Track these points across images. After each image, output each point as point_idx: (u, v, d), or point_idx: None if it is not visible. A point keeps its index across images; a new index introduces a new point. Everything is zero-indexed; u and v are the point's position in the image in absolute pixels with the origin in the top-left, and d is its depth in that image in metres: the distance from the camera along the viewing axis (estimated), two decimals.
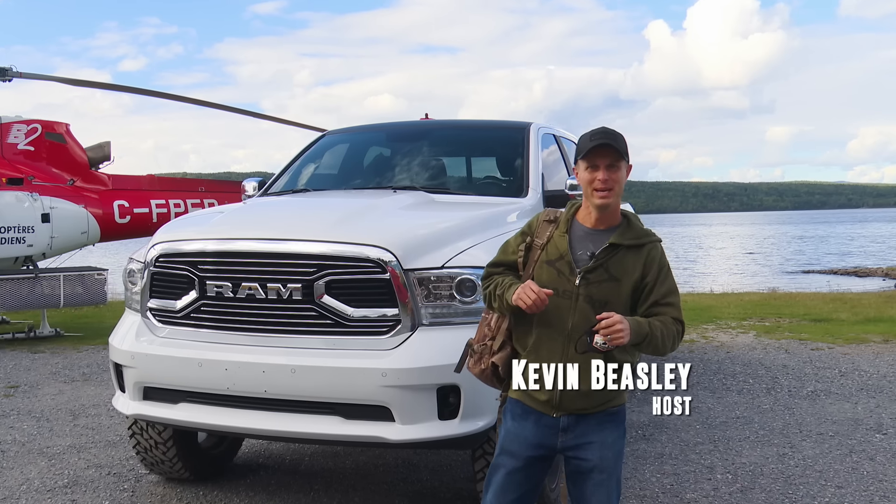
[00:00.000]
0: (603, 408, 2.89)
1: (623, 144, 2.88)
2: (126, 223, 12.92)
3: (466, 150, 6.68)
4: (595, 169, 2.86)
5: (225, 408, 4.11)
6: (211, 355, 4.09)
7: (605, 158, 2.85)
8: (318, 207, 5.05)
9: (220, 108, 14.86)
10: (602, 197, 2.86)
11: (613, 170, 2.86)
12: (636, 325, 2.72)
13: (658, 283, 2.86)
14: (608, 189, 2.85)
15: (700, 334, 10.68)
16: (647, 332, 2.74)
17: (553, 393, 2.84)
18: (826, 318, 12.06)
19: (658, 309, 2.85)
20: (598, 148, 2.85)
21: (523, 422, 2.93)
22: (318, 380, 3.90)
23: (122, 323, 4.66)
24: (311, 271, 3.94)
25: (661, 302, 2.85)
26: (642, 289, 2.86)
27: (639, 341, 2.74)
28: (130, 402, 4.40)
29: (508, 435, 2.98)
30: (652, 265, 2.88)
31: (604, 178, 2.84)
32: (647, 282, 2.86)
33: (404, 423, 3.85)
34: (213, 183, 15.07)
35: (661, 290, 2.87)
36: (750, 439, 5.92)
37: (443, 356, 3.75)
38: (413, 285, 3.90)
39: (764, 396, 7.22)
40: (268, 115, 15.41)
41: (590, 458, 2.88)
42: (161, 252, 4.32)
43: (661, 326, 2.80)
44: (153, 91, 13.95)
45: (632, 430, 6.05)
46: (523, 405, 2.94)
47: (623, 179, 2.89)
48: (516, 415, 2.96)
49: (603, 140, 2.85)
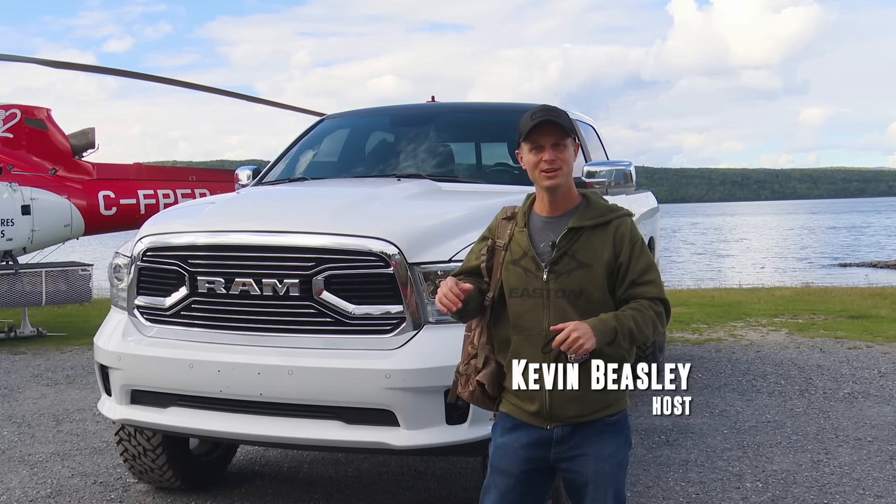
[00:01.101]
0: (600, 415, 2.84)
1: (567, 121, 2.85)
2: (112, 215, 12.95)
3: (476, 136, 6.67)
4: (540, 150, 2.83)
5: (218, 412, 4.13)
6: (203, 356, 4.10)
7: (549, 137, 2.82)
8: (317, 197, 5.06)
9: (212, 91, 14.87)
10: (550, 177, 2.82)
11: (559, 148, 2.82)
12: (599, 325, 2.67)
13: (633, 260, 2.81)
14: (556, 169, 2.81)
15: (728, 332, 10.66)
16: (613, 327, 2.68)
17: (542, 402, 2.82)
18: (864, 314, 12.01)
19: (637, 290, 2.80)
20: (539, 126, 2.82)
21: (513, 435, 2.90)
22: (317, 382, 3.91)
23: (107, 322, 4.68)
24: (309, 266, 3.95)
25: (638, 281, 2.81)
26: (617, 269, 2.81)
27: (609, 339, 2.69)
28: (117, 406, 4.42)
29: (497, 451, 2.95)
30: (622, 242, 2.82)
31: (549, 159, 2.81)
32: (620, 261, 2.81)
33: (410, 428, 3.85)
34: (205, 172, 15.09)
35: (638, 268, 2.81)
36: (782, 445, 5.91)
37: (450, 356, 3.74)
38: (418, 280, 3.90)
39: (797, 399, 7.21)
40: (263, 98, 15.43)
41: (583, 472, 2.85)
42: (149, 246, 4.33)
43: (634, 314, 2.75)
44: (140, 73, 13.98)
45: (654, 436, 6.05)
46: (513, 419, 2.92)
47: (571, 158, 2.85)
48: (506, 429, 2.93)
49: (544, 117, 2.82)
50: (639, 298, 2.80)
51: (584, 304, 2.78)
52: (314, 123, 6.72)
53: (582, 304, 2.78)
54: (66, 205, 12.27)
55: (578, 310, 2.77)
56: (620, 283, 2.82)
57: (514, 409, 2.91)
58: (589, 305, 2.78)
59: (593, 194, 2.94)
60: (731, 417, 6.61)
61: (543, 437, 2.86)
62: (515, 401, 2.90)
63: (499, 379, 2.97)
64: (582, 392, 2.77)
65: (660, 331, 2.83)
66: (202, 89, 14.69)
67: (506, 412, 2.94)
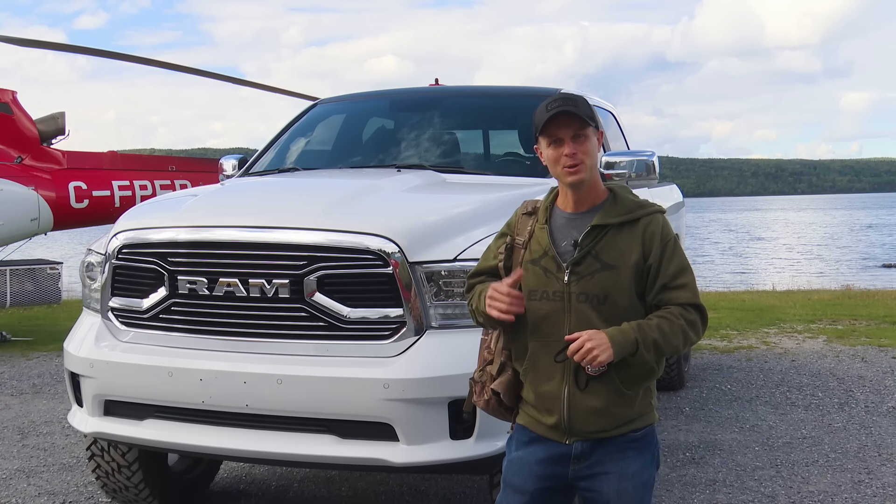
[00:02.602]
0: (623, 430, 2.84)
1: (586, 108, 2.82)
2: (83, 208, 12.96)
3: (484, 122, 6.68)
4: (559, 144, 2.81)
5: (200, 425, 4.14)
6: (183, 363, 4.11)
7: (568, 128, 2.80)
8: (309, 190, 5.07)
9: (194, 72, 14.89)
10: (573, 173, 2.80)
11: (580, 140, 2.80)
12: (618, 335, 2.67)
13: (664, 261, 2.79)
14: (577, 164, 2.79)
15: (760, 339, 10.66)
16: (634, 338, 2.68)
17: (561, 414, 2.82)
18: None
19: (669, 295, 2.79)
20: (556, 117, 2.79)
21: (529, 449, 2.90)
22: (308, 392, 3.92)
23: (78, 325, 4.69)
24: (300, 265, 3.95)
25: (670, 285, 2.79)
26: (647, 272, 2.80)
27: (629, 352, 2.69)
28: (89, 418, 4.43)
29: (511, 466, 2.95)
30: (652, 241, 2.81)
31: (570, 153, 2.79)
32: (650, 263, 2.79)
33: (410, 444, 3.86)
34: (186, 161, 15.10)
35: (670, 271, 2.79)
36: (819, 463, 5.91)
37: (455, 364, 3.76)
38: (420, 281, 3.91)
39: (836, 413, 7.21)
40: (250, 80, 15.44)
41: (604, 492, 2.84)
42: (125, 242, 4.34)
43: (660, 323, 2.74)
44: (115, 53, 13.98)
45: (679, 453, 6.05)
46: (530, 432, 2.92)
47: (594, 150, 2.83)
48: (521, 443, 2.94)
49: (560, 107, 2.79)
50: (670, 304, 2.79)
51: (609, 309, 2.77)
52: (306, 108, 6.73)
53: (606, 310, 2.77)
54: (32, 197, 12.27)
55: (602, 316, 2.76)
56: (650, 287, 2.81)
57: (531, 422, 2.91)
58: (614, 311, 2.77)
59: (621, 189, 2.93)
60: (763, 433, 6.61)
61: (562, 453, 2.86)
62: (533, 412, 2.90)
63: (515, 388, 2.96)
64: (604, 405, 2.78)
65: (692, 340, 2.82)
66: (183, 70, 14.71)
67: (522, 424, 2.95)
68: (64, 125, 13.07)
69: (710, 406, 7.41)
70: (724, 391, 7.94)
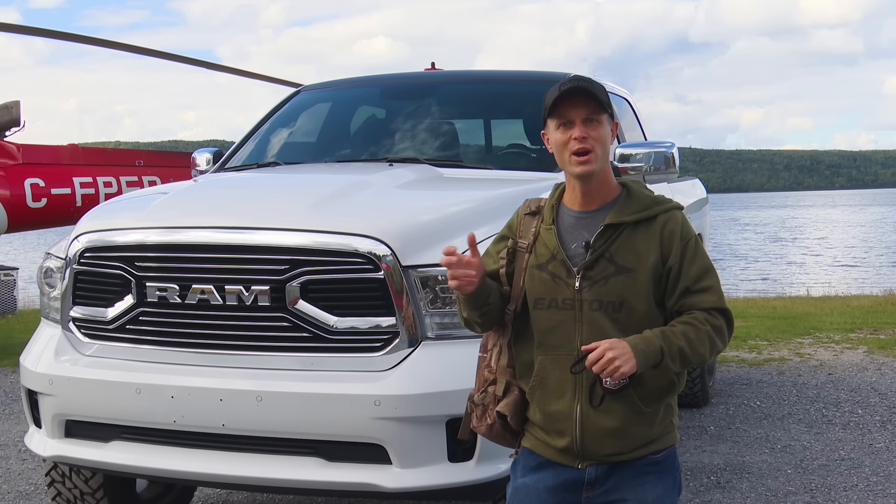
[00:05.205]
0: (642, 453, 2.84)
1: (604, 94, 2.81)
2: (41, 208, 12.96)
3: (485, 111, 6.69)
4: (569, 126, 2.79)
5: (171, 447, 4.15)
6: (152, 379, 4.12)
7: (581, 109, 2.78)
8: (292, 186, 5.08)
9: (164, 56, 14.91)
10: (582, 162, 2.77)
11: (593, 125, 2.79)
12: (642, 344, 2.67)
13: (685, 262, 2.80)
14: (589, 150, 2.77)
15: (793, 350, 10.67)
16: (659, 347, 2.68)
17: (572, 436, 2.82)
18: None
19: (692, 299, 2.79)
20: (569, 97, 2.78)
21: (537, 475, 2.90)
22: (291, 410, 3.93)
23: (36, 338, 4.70)
24: (282, 269, 3.97)
25: (693, 289, 2.79)
26: (666, 275, 2.80)
27: (654, 362, 2.68)
28: (48, 440, 4.44)
29: (517, 493, 2.95)
30: (672, 241, 2.80)
31: (580, 136, 2.76)
32: (670, 265, 2.79)
33: (404, 467, 3.87)
34: (155, 155, 15.12)
35: (692, 273, 2.79)
36: (859, 488, 5.92)
37: (453, 379, 3.77)
38: (414, 287, 3.92)
39: (877, 432, 7.22)
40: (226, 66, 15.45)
41: None
42: (87, 245, 4.36)
43: (686, 330, 2.73)
44: (75, 35, 13.99)
45: (702, 476, 6.06)
46: (537, 456, 2.93)
47: (607, 138, 2.82)
48: (528, 468, 2.94)
49: (575, 84, 2.77)
50: (693, 310, 2.79)
51: (625, 317, 2.78)
52: (288, 96, 6.74)
53: (622, 318, 2.78)
54: None
55: (618, 325, 2.77)
56: (671, 291, 2.81)
57: (538, 445, 2.92)
58: (630, 319, 2.78)
59: (636, 184, 2.93)
60: (796, 454, 6.63)
61: (574, 479, 2.86)
62: (541, 434, 2.91)
63: (523, 409, 2.97)
64: (621, 424, 2.78)
65: (719, 349, 2.82)
66: (152, 54, 14.73)
67: (529, 448, 2.95)
68: (19, 115, 13.06)
69: (737, 424, 7.41)
70: (753, 408, 7.95)
